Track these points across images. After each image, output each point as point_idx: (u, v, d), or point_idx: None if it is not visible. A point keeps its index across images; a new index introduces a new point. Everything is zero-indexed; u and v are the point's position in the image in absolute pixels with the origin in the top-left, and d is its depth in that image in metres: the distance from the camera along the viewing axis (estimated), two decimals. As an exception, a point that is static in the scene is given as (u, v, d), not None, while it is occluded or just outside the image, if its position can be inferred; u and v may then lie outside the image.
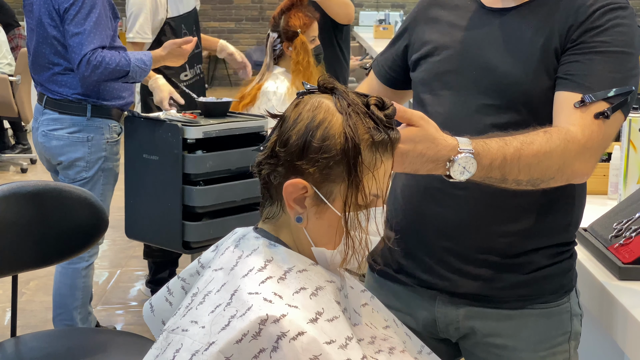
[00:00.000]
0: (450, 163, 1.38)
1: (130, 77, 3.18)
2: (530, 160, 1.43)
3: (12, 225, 2.41)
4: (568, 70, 1.53)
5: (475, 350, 1.69)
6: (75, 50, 3.07)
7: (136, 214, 3.38)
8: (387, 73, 1.81)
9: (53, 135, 3.22)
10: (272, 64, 3.58)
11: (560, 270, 1.65)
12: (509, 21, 1.60)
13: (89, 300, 3.41)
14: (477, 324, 1.65)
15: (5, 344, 2.42)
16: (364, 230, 1.29)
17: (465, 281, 1.63)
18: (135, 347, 2.41)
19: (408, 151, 1.35)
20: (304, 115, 1.27)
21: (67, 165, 3.23)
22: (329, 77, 1.32)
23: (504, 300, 1.63)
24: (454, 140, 1.38)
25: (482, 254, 1.61)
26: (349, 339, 1.22)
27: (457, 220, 1.60)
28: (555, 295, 1.65)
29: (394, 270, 1.72)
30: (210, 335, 1.18)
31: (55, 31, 3.14)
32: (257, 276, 1.24)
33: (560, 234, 1.64)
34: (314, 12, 3.66)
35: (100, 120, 3.23)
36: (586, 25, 1.53)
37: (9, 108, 6.56)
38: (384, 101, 1.30)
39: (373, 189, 1.28)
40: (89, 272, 3.36)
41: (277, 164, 1.27)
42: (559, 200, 1.61)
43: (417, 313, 1.69)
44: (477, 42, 1.61)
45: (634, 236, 1.81)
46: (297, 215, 1.28)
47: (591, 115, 1.48)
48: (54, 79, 3.21)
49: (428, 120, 1.37)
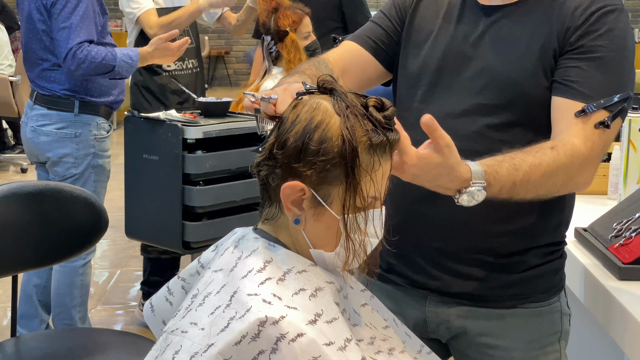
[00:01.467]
0: (460, 194, 1.38)
1: (117, 73, 3.18)
2: (538, 181, 1.44)
3: (12, 225, 2.41)
4: (567, 75, 1.53)
5: (467, 350, 1.68)
6: (61, 44, 3.08)
7: (136, 214, 3.38)
8: (374, 43, 1.72)
9: (41, 131, 3.22)
10: (272, 65, 3.58)
11: (551, 269, 1.66)
12: (503, 19, 1.59)
13: (87, 298, 3.41)
14: (469, 323, 1.65)
15: (5, 344, 2.42)
16: (362, 232, 1.29)
17: (457, 281, 1.63)
18: (135, 347, 2.41)
19: (420, 175, 1.34)
20: (302, 117, 1.27)
21: (55, 162, 3.23)
22: (328, 77, 1.31)
23: (496, 299, 1.63)
24: (467, 173, 1.37)
25: (474, 253, 1.61)
26: (348, 340, 1.22)
27: (450, 220, 1.60)
28: (546, 295, 1.66)
29: (384, 270, 1.72)
30: (209, 336, 1.18)
31: (44, 26, 3.15)
32: (257, 277, 1.24)
33: (551, 233, 1.65)
34: (303, 7, 3.67)
35: (88, 116, 3.22)
36: (584, 29, 1.53)
37: (9, 108, 6.58)
38: (383, 102, 1.29)
39: (371, 191, 1.28)
40: (86, 270, 3.35)
41: (275, 165, 1.27)
42: (550, 201, 1.60)
43: (407, 313, 1.69)
44: (471, 39, 1.61)
45: (634, 236, 1.81)
46: (295, 218, 1.28)
47: (592, 126, 1.49)
48: (43, 74, 3.22)
49: (452, 149, 1.33)
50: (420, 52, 1.66)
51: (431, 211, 1.61)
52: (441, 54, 1.63)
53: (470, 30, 1.62)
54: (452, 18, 1.65)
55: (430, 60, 1.64)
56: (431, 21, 1.68)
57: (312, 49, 3.59)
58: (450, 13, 1.66)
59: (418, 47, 1.67)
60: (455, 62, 1.61)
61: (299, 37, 3.54)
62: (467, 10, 1.64)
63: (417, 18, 1.70)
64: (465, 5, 1.65)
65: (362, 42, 1.72)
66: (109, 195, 4.16)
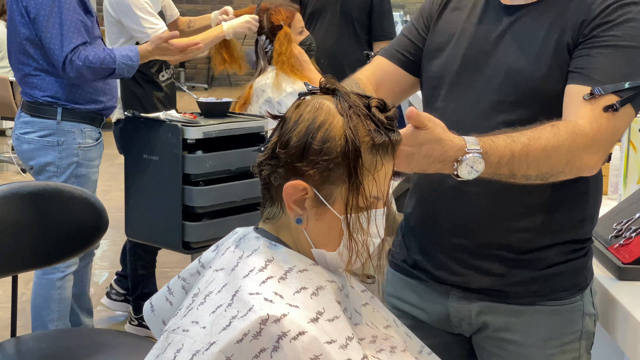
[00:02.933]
0: (458, 163, 1.37)
1: (118, 75, 3.12)
2: (539, 155, 1.43)
3: (12, 225, 2.41)
4: (578, 63, 1.52)
5: (484, 343, 1.69)
6: (56, 53, 3.00)
7: (136, 214, 3.38)
8: (403, 55, 1.77)
9: (24, 139, 3.12)
10: (267, 65, 3.59)
11: (573, 267, 1.65)
12: (523, 18, 1.60)
13: (67, 313, 3.27)
14: (489, 318, 1.66)
15: (5, 344, 2.42)
16: (365, 232, 1.29)
17: (479, 277, 1.64)
18: (135, 347, 2.41)
19: (413, 153, 1.35)
20: (305, 116, 1.27)
21: (37, 170, 3.14)
22: (330, 78, 1.32)
23: (516, 295, 1.63)
24: (461, 141, 1.38)
25: (494, 250, 1.62)
26: (349, 338, 1.22)
27: (470, 216, 1.61)
28: (567, 293, 1.64)
29: (409, 265, 1.74)
30: (211, 335, 1.19)
31: (25, 29, 3.05)
32: (258, 276, 1.24)
33: (574, 230, 1.64)
34: (292, 4, 3.68)
35: (71, 124, 3.11)
36: (598, 21, 1.53)
37: (9, 108, 6.58)
38: (385, 103, 1.30)
39: (373, 191, 1.28)
40: (64, 284, 3.21)
41: (277, 165, 1.28)
42: (572, 197, 1.61)
43: (430, 307, 1.71)
44: (492, 38, 1.61)
45: (634, 236, 1.81)
46: (297, 217, 1.28)
47: (600, 108, 1.48)
48: (25, 80, 3.12)
49: (435, 121, 1.37)
50: (443, 54, 1.68)
51: (452, 207, 1.62)
52: (462, 54, 1.64)
53: (491, 29, 1.62)
54: (474, 19, 1.66)
55: (453, 60, 1.66)
56: (454, 24, 1.69)
57: (306, 44, 3.60)
58: (473, 14, 1.67)
59: (441, 49, 1.69)
60: (476, 61, 1.62)
61: (293, 32, 3.56)
62: (490, 10, 1.65)
63: (441, 22, 1.72)
64: (488, 6, 1.66)
65: (391, 56, 1.78)
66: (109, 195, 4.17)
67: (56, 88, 3.10)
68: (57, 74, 3.08)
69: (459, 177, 1.39)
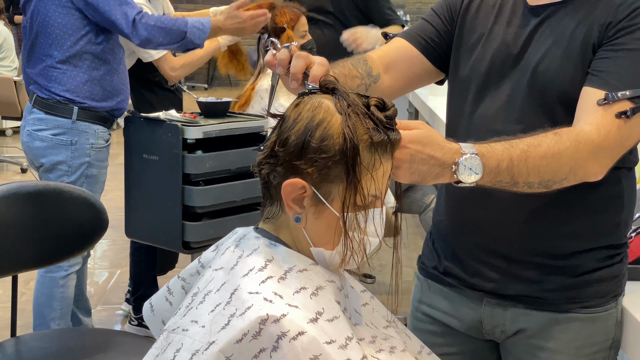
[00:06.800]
0: (456, 166, 1.36)
1: (188, 41, 3.05)
2: (539, 162, 1.41)
3: (12, 225, 2.41)
4: (597, 66, 1.49)
5: (513, 348, 1.66)
6: (121, 21, 2.97)
7: (136, 214, 3.38)
8: (425, 40, 1.72)
9: (37, 136, 3.12)
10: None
11: (610, 274, 1.61)
12: (550, 18, 1.57)
13: (68, 311, 3.27)
14: (523, 325, 1.63)
15: (5, 344, 2.42)
16: (362, 231, 1.29)
17: (513, 283, 1.61)
18: (135, 347, 2.41)
19: (416, 152, 1.32)
20: (304, 115, 1.27)
21: (48, 168, 3.13)
22: (331, 77, 1.32)
23: (551, 302, 1.60)
24: (456, 145, 1.37)
25: (528, 255, 1.59)
26: (349, 339, 1.22)
27: (502, 222, 1.58)
28: (603, 300, 1.61)
29: (440, 272, 1.72)
30: (210, 334, 1.18)
31: (65, 14, 3.02)
32: (258, 276, 1.24)
33: (609, 235, 1.61)
34: (299, 6, 3.66)
35: (86, 124, 3.12)
36: (623, 23, 1.50)
37: (13, 108, 6.58)
38: (384, 102, 1.30)
39: (372, 189, 1.28)
40: (67, 282, 3.22)
41: (276, 163, 1.27)
42: (607, 200, 1.58)
43: (463, 314, 1.68)
44: (520, 41, 1.58)
45: (634, 236, 1.81)
46: (296, 215, 1.28)
47: (612, 115, 1.45)
48: (44, 72, 3.10)
49: (427, 125, 1.35)
50: (471, 56, 1.65)
51: (483, 213, 1.60)
52: (490, 57, 1.61)
53: (519, 32, 1.59)
54: (502, 21, 1.63)
55: (481, 63, 1.63)
56: (482, 23, 1.66)
57: (307, 48, 3.59)
58: (501, 15, 1.64)
59: (469, 51, 1.66)
60: (503, 64, 1.59)
61: (296, 35, 3.55)
62: (517, 12, 1.62)
63: (468, 20, 1.68)
64: (516, 7, 1.62)
65: (412, 39, 1.73)
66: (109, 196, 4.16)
67: (76, 83, 3.09)
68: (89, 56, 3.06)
69: (461, 183, 1.37)
